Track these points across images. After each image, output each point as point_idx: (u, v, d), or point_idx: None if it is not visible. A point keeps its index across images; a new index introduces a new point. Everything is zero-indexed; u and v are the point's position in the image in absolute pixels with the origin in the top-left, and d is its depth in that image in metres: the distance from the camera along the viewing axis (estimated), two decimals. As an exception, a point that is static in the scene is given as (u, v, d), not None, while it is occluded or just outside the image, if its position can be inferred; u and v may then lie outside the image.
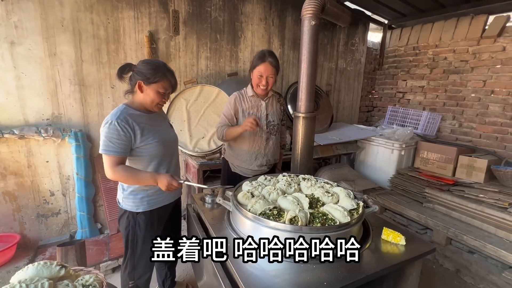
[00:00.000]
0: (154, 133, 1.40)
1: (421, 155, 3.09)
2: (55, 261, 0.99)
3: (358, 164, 3.46)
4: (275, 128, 1.93)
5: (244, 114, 1.84)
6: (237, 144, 1.92)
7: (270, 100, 1.91)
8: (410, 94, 3.82)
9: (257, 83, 1.77)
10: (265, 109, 1.87)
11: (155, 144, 1.39)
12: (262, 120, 1.87)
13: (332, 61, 3.72)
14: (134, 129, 1.32)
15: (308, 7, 1.64)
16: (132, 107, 1.38)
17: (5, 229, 2.24)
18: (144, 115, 1.40)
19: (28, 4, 2.02)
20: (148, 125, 1.39)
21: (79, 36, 2.21)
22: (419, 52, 3.65)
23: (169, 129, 1.57)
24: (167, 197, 1.55)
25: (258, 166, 1.94)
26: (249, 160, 1.92)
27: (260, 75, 1.73)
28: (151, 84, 1.34)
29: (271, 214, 1.16)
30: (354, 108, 4.18)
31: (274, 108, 1.93)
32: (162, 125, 1.52)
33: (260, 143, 1.90)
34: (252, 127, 1.66)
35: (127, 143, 1.31)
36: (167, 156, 1.49)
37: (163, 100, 1.41)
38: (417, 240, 1.23)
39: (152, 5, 2.43)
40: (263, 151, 1.91)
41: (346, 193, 1.37)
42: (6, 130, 2.06)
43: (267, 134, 1.91)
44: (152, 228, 1.50)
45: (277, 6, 3.07)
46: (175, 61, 2.64)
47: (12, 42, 2.03)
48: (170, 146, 1.53)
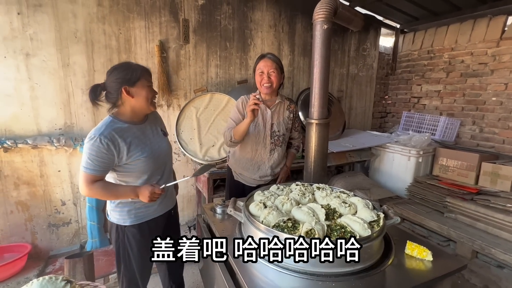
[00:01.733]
0: (143, 147, 1.34)
1: (440, 162, 2.95)
2: (60, 276, 0.95)
3: (373, 172, 3.34)
4: (280, 139, 1.84)
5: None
6: (241, 152, 1.87)
7: (277, 108, 1.82)
8: (425, 99, 3.69)
9: (260, 81, 1.72)
10: (270, 118, 1.79)
11: (143, 159, 1.32)
12: (267, 130, 1.79)
13: (343, 67, 3.65)
14: (119, 146, 1.25)
15: (320, 11, 1.60)
16: (120, 119, 1.31)
17: (17, 239, 2.24)
18: (133, 127, 1.33)
19: (43, 16, 2.07)
20: (137, 139, 1.32)
21: (91, 46, 2.25)
22: (434, 55, 3.54)
23: (161, 140, 1.49)
24: (157, 209, 1.47)
25: (261, 177, 1.87)
26: (252, 169, 1.86)
27: (261, 71, 1.70)
28: (136, 83, 1.27)
29: (286, 226, 1.09)
30: (367, 114, 4.08)
31: (281, 117, 1.84)
32: (153, 135, 1.45)
33: (263, 153, 1.83)
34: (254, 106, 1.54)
35: (108, 162, 1.24)
36: (158, 169, 1.43)
37: (155, 94, 1.38)
38: (445, 256, 1.12)
39: (163, 14, 2.46)
40: (267, 163, 1.85)
41: (364, 203, 1.28)
42: (20, 140, 2.09)
43: (271, 145, 1.82)
44: (143, 241, 1.41)
45: (287, 13, 3.06)
46: (185, 69, 2.65)
47: (27, 54, 2.07)
48: (162, 158, 1.45)
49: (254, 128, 1.78)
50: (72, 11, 2.15)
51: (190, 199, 2.91)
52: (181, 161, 2.78)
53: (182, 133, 2.52)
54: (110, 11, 2.26)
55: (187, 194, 2.89)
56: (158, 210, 1.48)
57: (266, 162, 1.85)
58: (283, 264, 1.01)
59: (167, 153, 1.53)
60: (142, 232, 1.41)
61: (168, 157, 1.55)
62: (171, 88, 2.59)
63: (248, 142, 1.81)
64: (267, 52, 1.76)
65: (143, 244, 1.41)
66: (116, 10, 2.28)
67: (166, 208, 1.55)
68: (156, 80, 2.51)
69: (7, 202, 2.17)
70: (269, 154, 1.83)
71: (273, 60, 1.70)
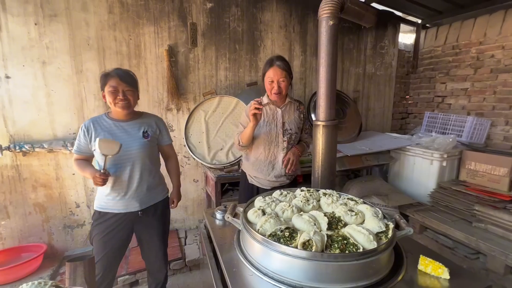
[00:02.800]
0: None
1: (467, 166, 2.70)
2: (50, 281, 0.93)
3: (392, 177, 3.14)
4: (292, 137, 1.80)
5: (260, 123, 1.74)
6: (254, 154, 1.82)
7: (287, 107, 1.80)
8: (451, 98, 3.43)
9: (269, 89, 1.70)
10: (281, 117, 1.76)
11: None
12: (278, 128, 1.76)
13: (359, 66, 3.49)
14: (91, 135, 1.48)
15: (325, 7, 1.51)
16: (108, 116, 1.55)
17: (35, 239, 2.34)
18: (114, 123, 1.52)
19: (58, 26, 2.16)
20: (107, 133, 1.49)
21: (103, 53, 2.31)
22: (460, 51, 3.28)
23: (134, 140, 1.53)
24: (116, 204, 1.53)
25: (276, 177, 1.80)
26: (266, 170, 1.80)
27: (270, 80, 1.67)
28: (104, 87, 1.47)
29: (282, 236, 1.01)
30: (386, 115, 3.86)
31: (292, 116, 1.81)
32: (128, 134, 1.53)
33: (276, 152, 1.78)
34: (255, 110, 1.53)
35: (84, 145, 1.51)
36: (117, 164, 1.50)
37: (117, 97, 1.46)
38: (465, 273, 0.98)
39: (172, 19, 2.48)
40: (281, 162, 1.78)
41: (373, 212, 1.17)
42: (37, 144, 2.18)
43: (285, 143, 1.78)
44: (101, 228, 1.54)
45: (298, 12, 2.98)
46: (194, 73, 2.65)
47: (44, 62, 2.17)
48: (124, 156, 1.49)
49: (265, 128, 1.77)
50: (85, 20, 2.22)
51: (200, 203, 2.89)
52: (190, 165, 2.77)
53: (191, 136, 2.51)
54: (121, 18, 2.32)
55: (197, 198, 2.88)
56: (117, 206, 1.53)
57: (280, 161, 1.79)
58: (279, 278, 0.93)
59: (136, 153, 1.53)
60: (102, 219, 1.54)
61: (138, 158, 1.54)
62: (180, 92, 2.60)
63: (260, 142, 1.78)
64: (275, 57, 1.69)
65: (101, 230, 1.54)
66: (126, 16, 2.34)
67: (127, 208, 1.55)
68: (166, 84, 2.53)
69: (25, 204, 2.28)
70: (282, 153, 1.78)
71: (283, 68, 1.66)
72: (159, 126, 1.66)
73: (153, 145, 1.63)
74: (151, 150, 1.61)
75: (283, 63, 1.66)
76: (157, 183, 1.67)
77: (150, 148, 1.59)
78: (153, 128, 1.62)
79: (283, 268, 0.93)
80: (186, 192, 2.82)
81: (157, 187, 1.68)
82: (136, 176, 1.55)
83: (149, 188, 1.61)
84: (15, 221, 2.27)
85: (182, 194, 2.75)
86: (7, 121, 2.14)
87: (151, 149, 1.60)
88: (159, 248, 1.73)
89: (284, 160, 1.78)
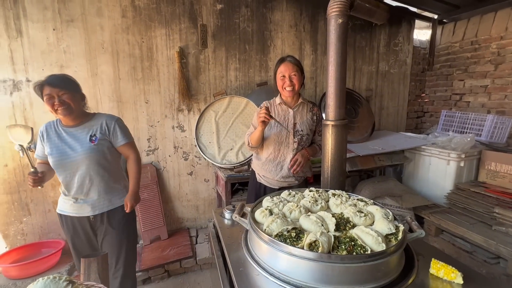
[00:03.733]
0: (53, 145, 1.49)
1: (487, 166, 2.58)
2: (64, 276, 0.98)
3: (407, 177, 3.05)
4: (303, 138, 1.78)
5: (270, 122, 1.75)
6: (264, 153, 1.83)
7: (299, 108, 1.79)
8: (469, 96, 3.29)
9: (281, 85, 1.71)
10: (293, 117, 1.76)
11: (49, 156, 1.49)
12: (289, 128, 1.75)
13: (372, 64, 3.42)
14: (43, 139, 1.52)
15: (334, 5, 1.49)
16: (60, 122, 1.54)
17: (54, 235, 2.45)
18: (62, 127, 1.52)
19: (74, 31, 2.25)
20: (55, 137, 1.50)
21: (117, 56, 2.38)
22: (479, 46, 3.15)
23: (80, 145, 1.49)
24: (69, 208, 1.56)
25: (284, 178, 1.80)
26: (274, 170, 1.80)
27: (282, 75, 1.69)
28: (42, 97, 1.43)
29: (289, 236, 1.01)
30: (401, 114, 3.76)
31: (305, 117, 1.80)
32: (74, 139, 1.50)
33: (286, 152, 1.77)
34: (264, 117, 1.55)
35: (41, 149, 1.54)
36: (66, 170, 1.50)
37: (55, 104, 1.41)
38: (479, 279, 0.95)
39: (183, 21, 2.52)
40: (290, 163, 1.77)
41: (383, 213, 1.14)
42: (55, 144, 2.27)
43: (295, 144, 1.77)
44: (65, 232, 1.62)
45: (308, 11, 2.95)
46: (204, 74, 2.68)
47: (62, 66, 2.26)
48: (69, 162, 1.48)
49: (276, 128, 1.77)
50: (100, 24, 2.30)
51: (211, 202, 2.92)
52: (201, 165, 2.81)
53: (202, 136, 2.54)
54: (133, 21, 2.38)
55: (208, 197, 2.91)
56: (70, 209, 1.56)
57: (288, 162, 1.78)
58: (285, 278, 0.93)
59: (82, 158, 1.48)
60: (62, 222, 1.61)
61: (84, 162, 1.49)
62: (191, 92, 2.64)
63: (270, 143, 1.79)
64: (286, 55, 1.73)
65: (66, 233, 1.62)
66: (139, 20, 2.39)
67: (79, 212, 1.54)
68: (177, 85, 2.58)
69: (45, 202, 2.38)
70: (292, 153, 1.77)
71: (294, 63, 1.69)
72: (108, 127, 1.55)
73: (103, 148, 1.54)
74: (101, 154, 1.53)
75: (294, 59, 1.70)
76: (111, 188, 1.59)
77: (98, 152, 1.51)
78: (102, 130, 1.54)
79: (289, 268, 0.93)
80: (197, 192, 2.86)
81: (112, 192, 1.59)
82: (86, 181, 1.51)
83: (101, 193, 1.55)
84: (36, 218, 2.38)
85: (193, 193, 2.84)
86: (28, 122, 2.24)
87: (100, 153, 1.52)
88: (112, 260, 1.60)
89: (292, 160, 1.77)
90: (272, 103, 1.81)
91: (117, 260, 1.61)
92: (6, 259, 2.16)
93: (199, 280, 2.37)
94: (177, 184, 2.78)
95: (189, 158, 2.76)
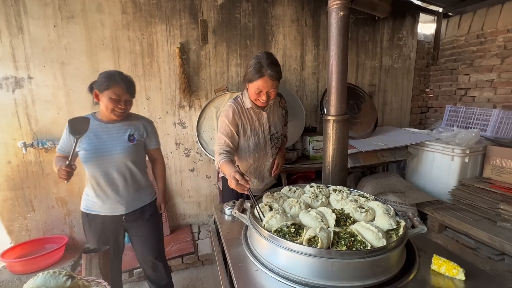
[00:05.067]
0: (93, 141, 1.45)
1: (492, 162, 2.54)
2: (64, 271, 0.98)
3: (410, 173, 3.02)
4: (279, 140, 1.73)
5: (245, 131, 1.59)
6: (242, 166, 1.66)
7: (271, 108, 1.64)
8: (475, 91, 3.24)
9: (254, 97, 1.51)
10: (267, 121, 1.63)
11: (85, 152, 1.44)
12: (266, 135, 1.65)
13: (375, 59, 3.37)
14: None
15: (335, -3, 1.46)
16: (95, 116, 1.51)
17: (57, 231, 2.47)
18: (99, 123, 1.49)
19: (75, 27, 2.24)
20: (93, 134, 1.45)
21: (117, 52, 2.38)
22: (485, 40, 3.08)
23: (118, 143, 1.49)
24: (102, 207, 1.53)
25: (267, 185, 1.78)
26: (258, 180, 1.74)
27: (258, 90, 1.46)
28: (104, 91, 1.40)
29: (288, 231, 1.00)
30: (404, 110, 3.71)
31: (276, 116, 1.69)
32: (112, 137, 1.49)
33: (265, 159, 1.71)
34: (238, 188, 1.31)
35: (67, 145, 1.51)
36: (101, 167, 1.47)
37: (118, 106, 1.43)
38: (482, 275, 0.93)
39: (183, 17, 2.50)
40: (270, 168, 1.74)
41: (384, 209, 1.13)
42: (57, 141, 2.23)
43: (272, 150, 1.70)
44: (91, 232, 1.57)
45: (310, 5, 2.91)
46: (205, 70, 2.67)
47: (63, 63, 2.26)
48: (107, 159, 1.47)
49: (253, 138, 1.62)
50: (100, 20, 2.29)
51: (213, 198, 2.93)
52: (203, 161, 2.81)
53: (203, 133, 2.54)
54: (134, 17, 2.37)
55: (210, 194, 2.91)
56: (103, 208, 1.54)
57: (268, 167, 1.73)
58: (284, 273, 0.92)
59: (117, 157, 1.49)
60: (90, 222, 1.56)
61: (120, 161, 1.50)
62: (192, 89, 2.63)
63: (249, 154, 1.64)
64: (266, 62, 1.40)
65: (92, 235, 1.57)
66: (139, 16, 2.38)
67: (113, 211, 1.54)
68: (178, 81, 2.57)
69: (49, 198, 2.41)
70: (271, 159, 1.71)
71: (275, 78, 1.42)
72: (147, 129, 1.61)
73: (139, 149, 1.59)
74: (136, 154, 1.56)
75: (276, 70, 1.41)
76: (143, 186, 1.64)
77: (135, 151, 1.54)
78: (140, 131, 1.58)
79: (288, 264, 0.92)
80: (199, 188, 2.87)
81: (143, 190, 1.65)
82: (121, 180, 1.52)
83: (134, 191, 1.58)
84: (40, 214, 2.41)
85: (195, 189, 2.85)
86: (30, 119, 2.26)
87: (136, 153, 1.56)
88: (149, 252, 1.70)
89: (274, 166, 1.72)
90: (241, 105, 1.57)
91: (154, 251, 1.71)
92: (11, 255, 2.19)
93: (201, 276, 2.38)
94: (179, 181, 2.78)
95: (191, 154, 2.76)
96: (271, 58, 1.44)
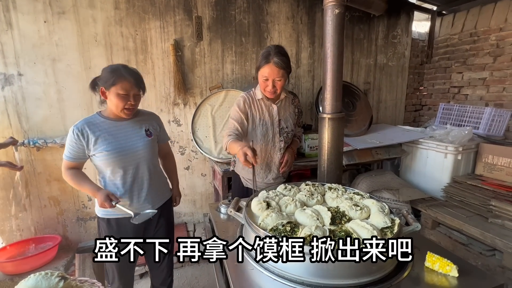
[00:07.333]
0: (110, 141, 1.36)
1: (484, 159, 2.58)
2: (56, 272, 0.97)
3: (404, 171, 3.05)
4: (289, 135, 1.74)
5: (254, 120, 1.65)
6: None
7: (283, 103, 1.71)
8: (467, 89, 3.27)
9: (263, 86, 1.57)
10: (277, 114, 1.68)
11: (106, 153, 1.35)
12: (275, 127, 1.68)
13: (370, 57, 3.38)
14: (87, 138, 1.34)
15: (331, -6, 1.45)
16: (103, 115, 1.42)
17: (50, 231, 2.43)
18: (110, 122, 1.40)
19: (66, 23, 2.19)
20: (107, 134, 1.37)
21: (110, 49, 2.34)
22: (478, 38, 3.11)
23: (138, 139, 1.45)
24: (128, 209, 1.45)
25: (273, 179, 1.77)
26: (263, 173, 1.75)
27: (265, 78, 1.52)
28: (111, 87, 1.31)
29: (284, 230, 1.00)
30: (399, 108, 3.74)
31: (288, 112, 1.73)
32: (131, 133, 1.44)
33: (273, 153, 1.72)
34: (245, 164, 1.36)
35: (78, 151, 1.36)
36: (126, 166, 1.41)
37: (128, 103, 1.35)
38: (475, 271, 0.94)
39: (177, 13, 2.47)
40: (278, 162, 1.73)
41: (379, 206, 1.13)
42: (49, 139, 2.25)
43: (281, 143, 1.71)
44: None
45: (306, 2, 2.90)
46: (200, 67, 2.64)
47: (54, 59, 2.22)
48: (131, 156, 1.42)
49: (261, 128, 1.66)
50: (92, 16, 2.25)
51: (208, 197, 2.91)
52: (198, 159, 2.79)
53: (198, 131, 2.52)
54: (127, 13, 2.33)
55: (205, 192, 2.90)
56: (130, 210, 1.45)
57: (276, 161, 1.74)
58: (279, 272, 0.92)
59: (142, 152, 1.46)
60: (110, 227, 1.47)
61: (144, 157, 1.48)
62: (187, 86, 2.61)
63: (257, 143, 1.67)
64: (274, 50, 1.49)
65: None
66: (132, 12, 2.34)
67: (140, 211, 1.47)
68: (172, 79, 2.54)
69: (41, 197, 2.37)
70: (279, 153, 1.73)
71: (281, 66, 1.48)
72: (159, 124, 1.61)
73: (155, 144, 1.56)
74: (154, 149, 1.54)
75: (282, 59, 1.48)
76: (163, 182, 1.64)
77: (153, 146, 1.52)
78: (153, 126, 1.56)
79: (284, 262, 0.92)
80: (194, 186, 2.85)
81: (163, 186, 1.65)
82: (146, 177, 1.49)
83: (158, 187, 1.58)
84: (32, 214, 2.37)
85: (190, 188, 2.83)
86: (21, 117, 2.21)
87: (154, 148, 1.54)
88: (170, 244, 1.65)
89: (282, 161, 1.72)
90: (253, 97, 1.66)
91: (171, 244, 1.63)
92: (3, 255, 2.15)
93: (197, 274, 2.38)
94: (174, 179, 2.76)
95: (186, 152, 2.74)
96: (280, 49, 1.52)
